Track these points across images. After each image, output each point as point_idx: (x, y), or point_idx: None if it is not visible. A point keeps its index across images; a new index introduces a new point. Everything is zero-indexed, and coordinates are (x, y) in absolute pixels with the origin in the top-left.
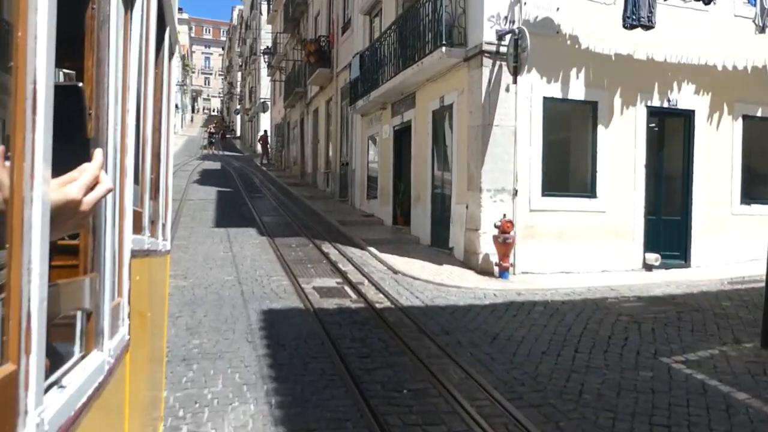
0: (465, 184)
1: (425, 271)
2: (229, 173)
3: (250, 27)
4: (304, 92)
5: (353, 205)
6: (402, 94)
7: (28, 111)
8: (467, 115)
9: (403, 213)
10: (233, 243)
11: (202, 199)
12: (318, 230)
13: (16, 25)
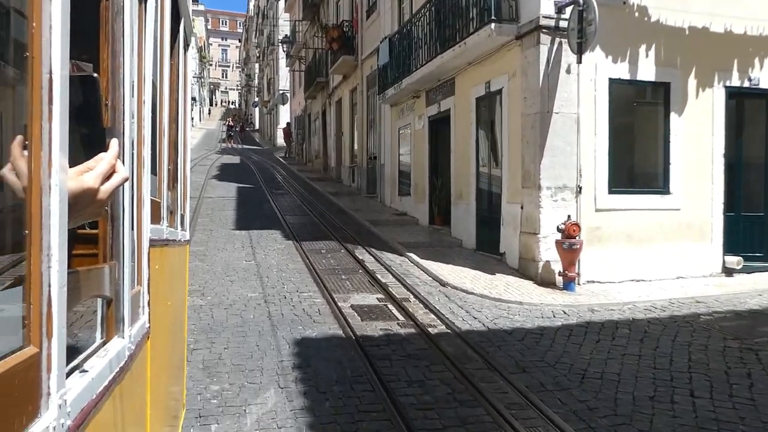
0: (519, 181)
1: (477, 283)
2: (248, 168)
3: (267, 17)
4: (326, 82)
5: (383, 202)
6: (439, 80)
7: (44, 101)
8: (521, 102)
9: (440, 212)
10: (256, 248)
11: (222, 196)
12: (348, 231)
13: (31, 16)
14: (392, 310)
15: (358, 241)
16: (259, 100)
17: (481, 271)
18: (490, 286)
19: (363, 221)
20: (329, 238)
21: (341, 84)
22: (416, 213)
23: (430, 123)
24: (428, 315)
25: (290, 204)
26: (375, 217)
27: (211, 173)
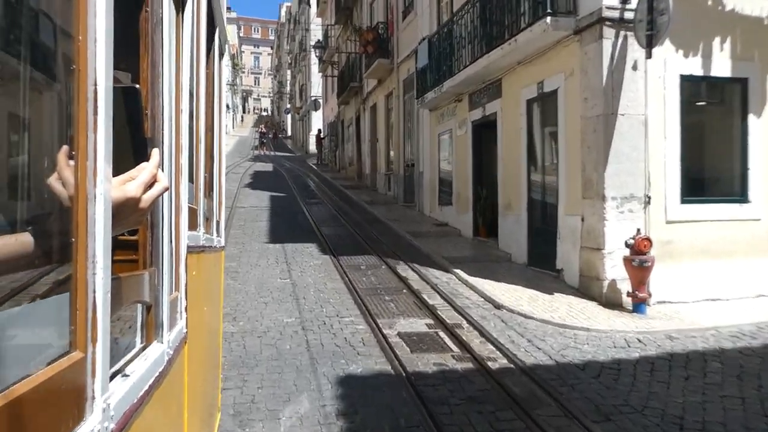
0: (578, 191)
1: (536, 305)
2: (281, 175)
3: (298, 22)
4: (359, 87)
5: (421, 211)
6: (483, 82)
7: (89, 112)
8: (580, 103)
9: (486, 223)
10: (291, 264)
11: (254, 206)
12: (387, 244)
13: (77, 29)
14: (444, 338)
15: (399, 256)
16: (291, 107)
17: (536, 290)
18: (550, 309)
19: (402, 232)
20: (368, 252)
21: (376, 89)
22: (458, 224)
23: (474, 128)
24: (485, 345)
25: (325, 214)
26: (414, 228)
27: (243, 181)
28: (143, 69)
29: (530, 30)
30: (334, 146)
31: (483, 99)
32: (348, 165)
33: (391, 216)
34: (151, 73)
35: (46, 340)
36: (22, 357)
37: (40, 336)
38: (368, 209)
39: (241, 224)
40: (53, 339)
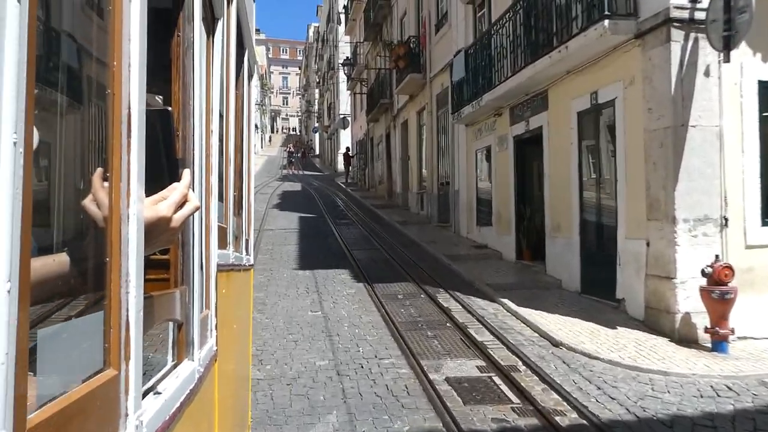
0: (642, 211)
1: (598, 342)
2: (310, 195)
3: (326, 41)
4: (389, 104)
5: (458, 232)
6: (527, 94)
7: (123, 135)
8: (643, 115)
9: (530, 245)
10: (323, 294)
11: (283, 228)
12: (424, 269)
13: (111, 55)
14: (500, 385)
15: (439, 282)
16: (319, 126)
17: (595, 322)
18: (617, 347)
19: (439, 256)
20: (405, 279)
21: (407, 105)
22: (499, 246)
23: (516, 143)
24: (549, 394)
25: (356, 236)
26: (452, 250)
27: (272, 202)
28: (175, 92)
29: (584, 35)
30: (363, 164)
31: (526, 112)
32: (378, 183)
33: (426, 237)
34: (182, 95)
35: (81, 357)
36: (58, 374)
37: (76, 354)
38: (401, 230)
39: (269, 248)
40: (88, 357)
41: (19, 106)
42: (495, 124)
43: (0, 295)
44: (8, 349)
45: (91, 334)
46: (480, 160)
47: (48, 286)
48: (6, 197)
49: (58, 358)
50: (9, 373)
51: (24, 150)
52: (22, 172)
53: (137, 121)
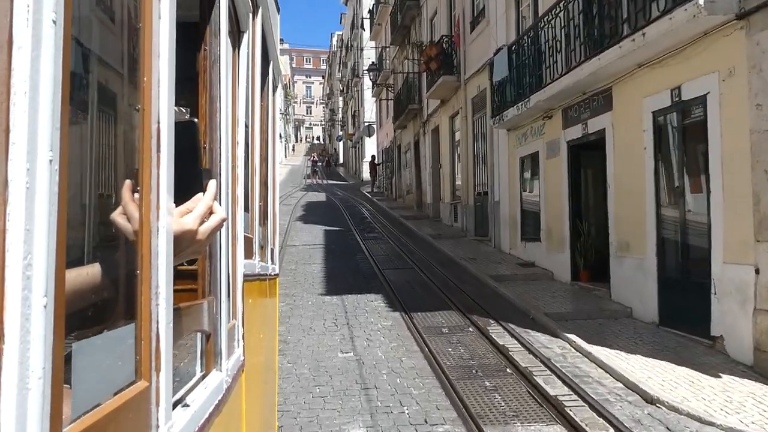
0: (748, 230)
1: (705, 398)
2: (335, 206)
3: (350, 48)
4: (419, 109)
5: (498, 248)
6: (585, 92)
7: (153, 149)
8: (749, 112)
9: (588, 265)
10: (354, 327)
11: (307, 244)
12: (468, 293)
13: (142, 71)
14: None
15: (487, 310)
16: (343, 134)
17: (691, 368)
18: (731, 405)
19: (482, 276)
20: (447, 306)
21: (438, 110)
22: (549, 264)
23: (570, 149)
24: None
25: (387, 252)
26: (495, 269)
27: (295, 214)
28: (202, 104)
29: (669, 18)
30: (389, 173)
31: (583, 114)
32: (406, 193)
33: (464, 253)
34: (209, 108)
35: (114, 370)
36: (92, 387)
37: (108, 366)
38: (435, 245)
39: (292, 268)
40: (120, 369)
41: (54, 125)
42: (543, 127)
43: (37, 310)
44: (45, 364)
45: (122, 346)
46: (525, 168)
47: (81, 297)
48: (42, 214)
49: (92, 370)
50: (46, 387)
51: (59, 167)
52: (57, 189)
53: (166, 136)
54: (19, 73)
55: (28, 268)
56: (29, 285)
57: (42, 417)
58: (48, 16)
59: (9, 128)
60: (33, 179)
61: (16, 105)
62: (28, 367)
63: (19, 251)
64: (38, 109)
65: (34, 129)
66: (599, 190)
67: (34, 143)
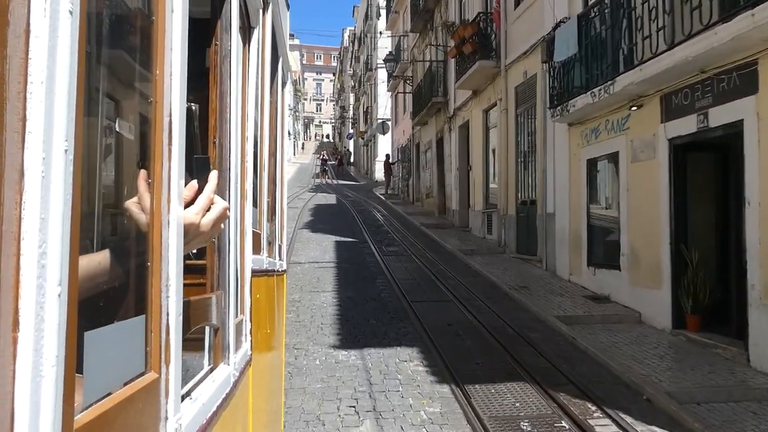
0: None
1: None
2: (346, 210)
3: (363, 42)
4: (443, 103)
5: (552, 271)
6: (705, 70)
7: (164, 142)
8: None
9: (699, 308)
10: (385, 419)
11: (315, 261)
12: (537, 346)
13: (155, 64)
14: None
15: (575, 381)
16: (354, 132)
17: None
18: None
19: (548, 318)
20: (515, 374)
21: (469, 102)
22: (635, 301)
23: (675, 149)
24: None
25: (413, 274)
26: (560, 305)
27: (302, 220)
28: (212, 99)
29: None
30: (406, 174)
31: (701, 100)
32: (425, 197)
33: (511, 279)
34: (219, 103)
35: (124, 360)
36: (102, 376)
37: (119, 356)
38: (470, 264)
39: (296, 299)
40: (130, 360)
41: (69, 114)
42: (627, 120)
43: (51, 299)
44: (58, 352)
45: (133, 337)
46: (594, 174)
47: (91, 284)
48: (57, 203)
49: (103, 360)
50: (59, 375)
51: (74, 157)
52: (72, 179)
53: (178, 129)
54: (36, 62)
55: (43, 257)
56: (44, 273)
57: (55, 404)
58: (65, 7)
59: (26, 117)
60: (48, 168)
61: (33, 94)
62: (42, 354)
63: (34, 240)
64: (54, 99)
65: (50, 118)
66: (717, 205)
67: (50, 132)
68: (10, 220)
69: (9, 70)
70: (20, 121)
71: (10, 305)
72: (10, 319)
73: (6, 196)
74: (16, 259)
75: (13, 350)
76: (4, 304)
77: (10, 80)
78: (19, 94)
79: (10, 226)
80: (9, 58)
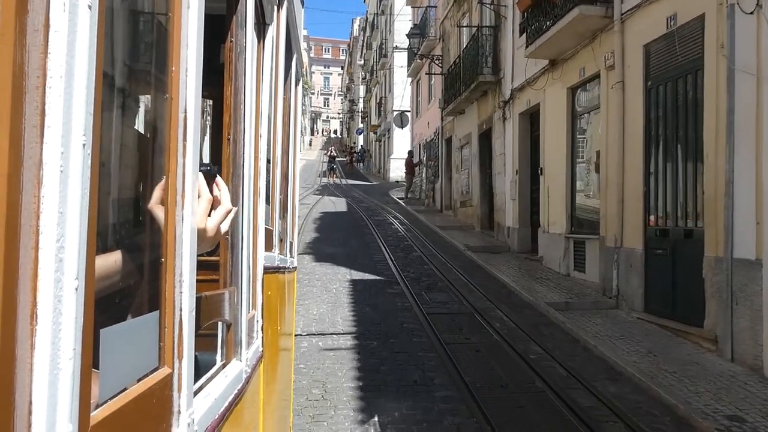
0: None
1: None
2: (361, 222)
3: (377, 26)
4: (494, 82)
5: (751, 365)
6: None
7: (180, 138)
8: None
9: None
10: None
11: (319, 333)
12: None
13: (171, 60)
14: None
15: None
16: (364, 126)
17: None
18: None
19: None
20: None
21: (543, 77)
22: None
23: None
24: None
25: (499, 369)
26: None
27: (305, 236)
28: (227, 96)
29: None
30: (431, 175)
31: None
32: (458, 205)
33: (688, 386)
34: (233, 99)
35: (139, 356)
36: (118, 371)
37: (133, 352)
38: (584, 340)
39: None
40: (144, 355)
41: (87, 109)
42: None
43: (68, 292)
44: (75, 345)
45: (147, 333)
46: None
47: (108, 282)
48: (75, 197)
49: (118, 355)
50: (75, 369)
51: (92, 152)
52: (90, 173)
53: (193, 125)
54: (55, 57)
55: (61, 251)
56: (62, 267)
57: (72, 396)
58: (84, 1)
59: (45, 111)
60: (67, 163)
61: (52, 89)
62: (60, 347)
63: (52, 234)
64: (73, 93)
65: (68, 112)
66: None
67: (68, 127)
68: (29, 213)
69: (28, 64)
70: (39, 116)
71: (29, 298)
72: (28, 312)
73: (25, 190)
74: (34, 253)
75: (31, 342)
76: (23, 296)
77: (30, 74)
78: (37, 88)
79: (29, 220)
80: (28, 52)
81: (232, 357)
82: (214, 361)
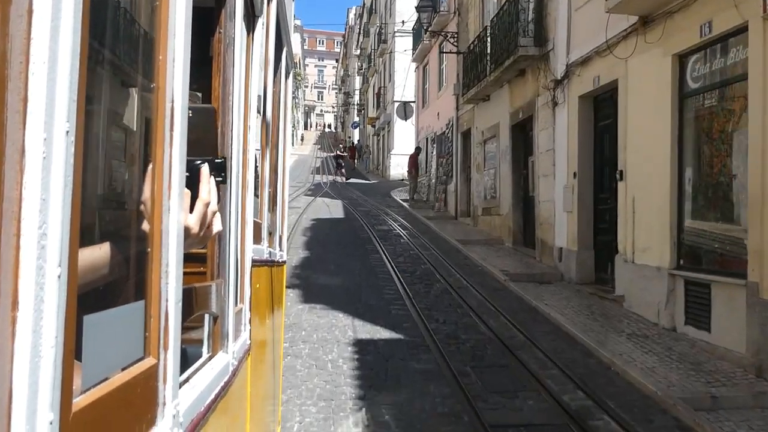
0: None
1: None
2: (361, 231)
3: (375, 10)
4: (540, 57)
5: None
6: None
7: (167, 128)
8: None
9: None
10: None
11: (308, 400)
12: None
13: (158, 49)
14: None
15: None
16: (359, 120)
17: None
18: None
19: None
20: None
21: (629, 40)
22: None
23: None
24: None
25: None
26: None
27: (290, 254)
28: (215, 87)
29: None
30: (443, 175)
31: None
32: (481, 212)
33: None
34: (222, 91)
35: (123, 345)
36: (101, 360)
37: (117, 341)
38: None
39: None
40: (129, 345)
41: (71, 96)
42: None
43: (51, 280)
44: (57, 333)
45: (132, 323)
46: None
47: (94, 274)
48: (58, 184)
49: (101, 344)
50: (57, 357)
51: (75, 139)
52: (73, 161)
53: (180, 115)
54: (38, 42)
55: (43, 238)
56: (44, 254)
57: (53, 385)
58: None
59: (27, 97)
60: (50, 149)
61: (35, 74)
62: (41, 335)
63: (34, 220)
64: (56, 80)
65: (51, 99)
66: None
67: (51, 113)
68: (11, 200)
69: (11, 49)
70: (21, 101)
71: (10, 285)
72: (9, 299)
73: (7, 176)
74: (16, 239)
75: (12, 330)
76: (4, 283)
77: (12, 60)
78: (20, 74)
79: (11, 206)
80: (11, 37)
81: (219, 349)
82: (200, 354)
